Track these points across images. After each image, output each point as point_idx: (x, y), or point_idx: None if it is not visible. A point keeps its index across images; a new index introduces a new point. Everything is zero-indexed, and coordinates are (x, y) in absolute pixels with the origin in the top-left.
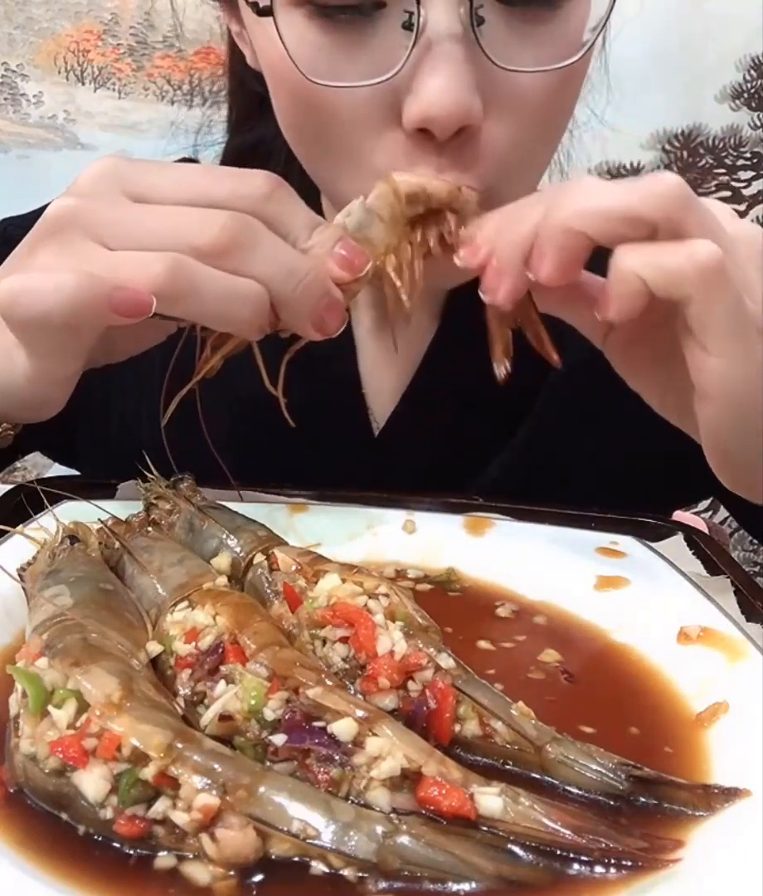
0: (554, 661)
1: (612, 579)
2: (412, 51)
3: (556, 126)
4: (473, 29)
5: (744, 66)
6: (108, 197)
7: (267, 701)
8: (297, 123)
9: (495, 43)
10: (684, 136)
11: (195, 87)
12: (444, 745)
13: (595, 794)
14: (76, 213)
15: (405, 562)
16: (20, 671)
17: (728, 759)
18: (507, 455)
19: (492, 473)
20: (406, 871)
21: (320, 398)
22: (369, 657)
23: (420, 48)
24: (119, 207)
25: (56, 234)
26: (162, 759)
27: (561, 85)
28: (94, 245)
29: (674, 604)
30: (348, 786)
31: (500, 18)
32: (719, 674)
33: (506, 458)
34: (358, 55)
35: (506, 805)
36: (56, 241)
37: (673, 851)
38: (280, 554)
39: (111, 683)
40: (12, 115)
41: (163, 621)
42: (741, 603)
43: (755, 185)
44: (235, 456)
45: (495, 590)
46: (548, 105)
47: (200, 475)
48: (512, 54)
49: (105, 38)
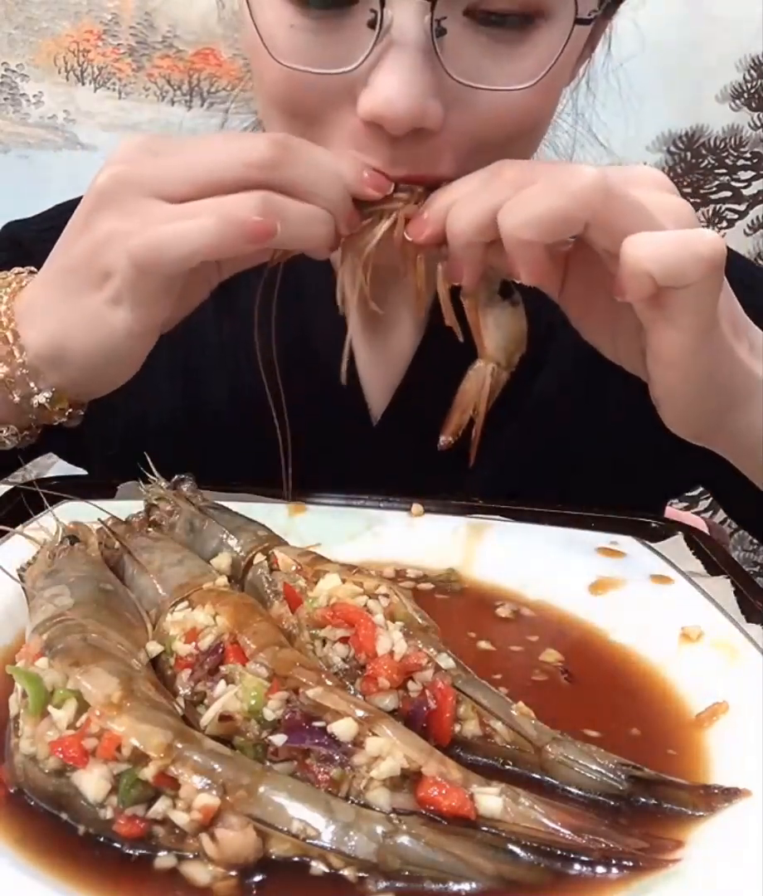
0: (555, 660)
1: (612, 579)
2: (373, 48)
3: (528, 136)
4: (433, 39)
5: (744, 67)
6: (147, 158)
7: (267, 701)
8: (267, 100)
9: (457, 55)
10: (687, 137)
11: (194, 87)
12: (444, 745)
13: (595, 795)
14: (125, 176)
15: (405, 562)
16: (20, 671)
17: (728, 759)
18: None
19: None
20: (406, 871)
21: (320, 391)
22: (369, 657)
23: (382, 46)
24: (161, 160)
25: (112, 200)
26: (162, 759)
27: (524, 106)
28: (154, 201)
29: (674, 604)
30: (348, 786)
31: (466, 32)
32: (719, 674)
33: (499, 452)
34: (327, 44)
35: (506, 805)
36: (115, 205)
37: (673, 851)
38: (280, 554)
39: (111, 683)
40: (12, 115)
41: (163, 621)
42: (741, 603)
43: (755, 185)
44: (238, 448)
45: (495, 590)
46: (512, 119)
47: (204, 474)
48: (474, 70)
49: (105, 39)
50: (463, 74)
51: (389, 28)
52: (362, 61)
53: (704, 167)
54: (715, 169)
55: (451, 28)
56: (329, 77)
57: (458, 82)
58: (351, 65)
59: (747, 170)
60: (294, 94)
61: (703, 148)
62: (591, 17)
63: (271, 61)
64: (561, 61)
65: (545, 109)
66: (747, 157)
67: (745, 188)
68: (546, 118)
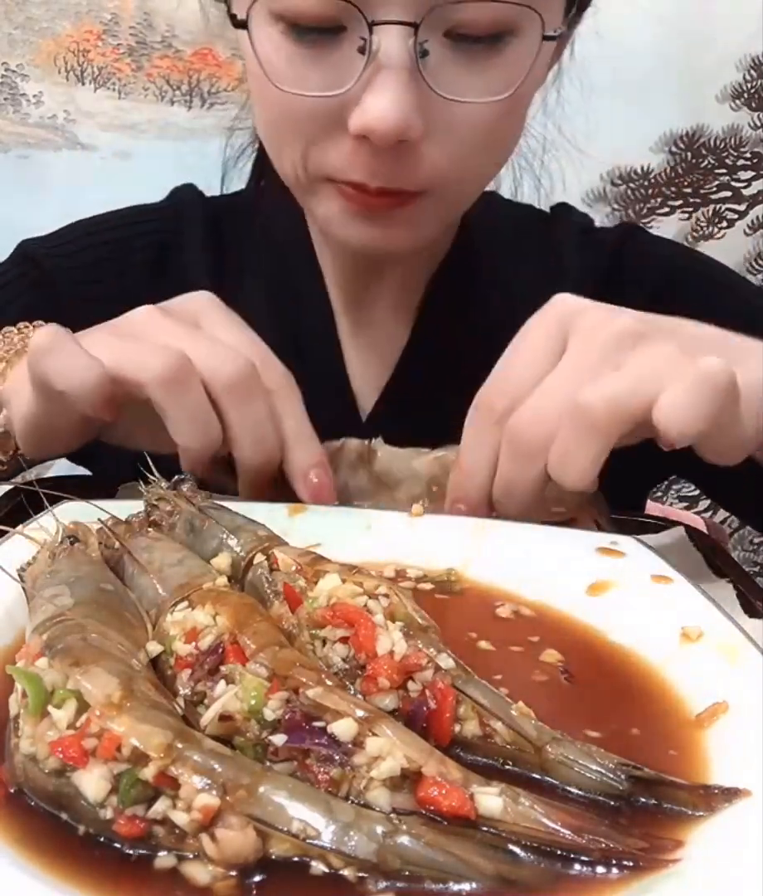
0: (555, 660)
1: (612, 580)
2: (364, 72)
3: (497, 148)
4: (417, 60)
5: (744, 67)
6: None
7: (267, 701)
8: (261, 117)
9: (440, 73)
10: (687, 137)
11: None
12: (444, 745)
13: (595, 795)
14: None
15: (405, 562)
16: (20, 671)
17: (728, 759)
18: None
19: None
20: (406, 871)
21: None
22: (369, 657)
23: (371, 69)
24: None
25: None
26: (162, 759)
27: (500, 114)
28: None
29: (674, 604)
30: (348, 786)
31: (446, 52)
32: (719, 674)
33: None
34: (320, 69)
35: (506, 805)
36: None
37: (673, 851)
38: (280, 554)
39: (111, 683)
40: (12, 115)
41: (163, 621)
42: (741, 603)
43: (755, 185)
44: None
45: (495, 590)
46: (486, 130)
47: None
48: (453, 85)
49: (105, 39)
50: (444, 90)
51: (377, 53)
52: (354, 83)
53: (704, 167)
54: (715, 169)
55: (433, 49)
56: (323, 100)
57: (442, 97)
58: (343, 87)
59: (747, 170)
60: (291, 117)
61: (703, 148)
62: (556, 34)
63: (272, 88)
64: (533, 75)
65: (516, 118)
66: (747, 157)
67: (745, 188)
68: (517, 126)
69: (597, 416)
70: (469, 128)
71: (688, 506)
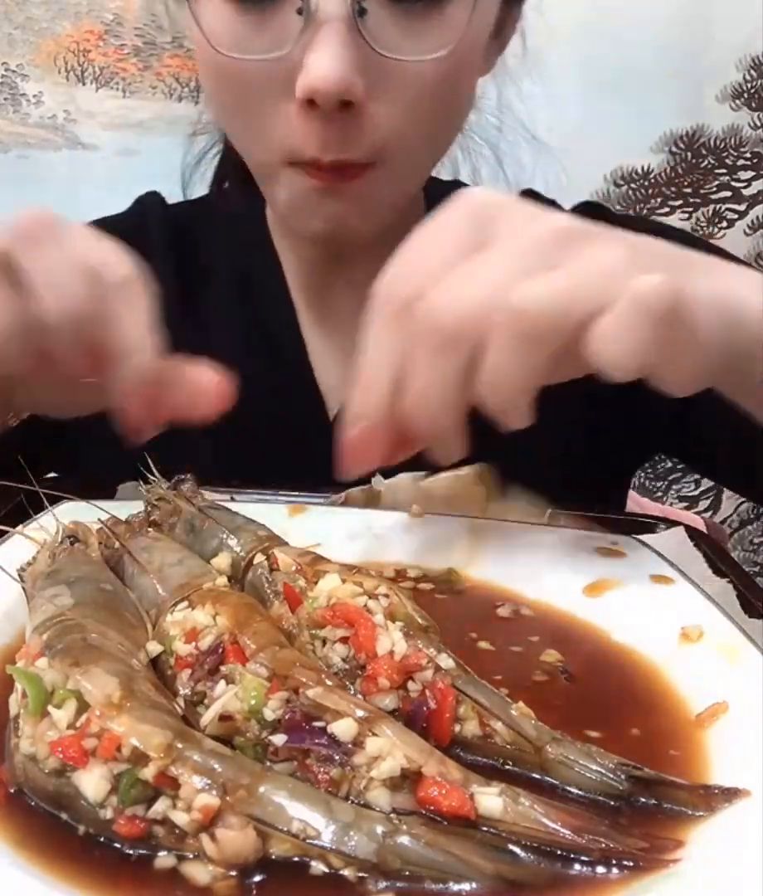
0: (555, 660)
1: (612, 579)
2: (304, 33)
3: (444, 113)
4: (355, 17)
5: (744, 67)
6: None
7: (267, 701)
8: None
9: (379, 31)
10: (688, 137)
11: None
12: (444, 745)
13: (595, 795)
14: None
15: (405, 562)
16: (20, 671)
17: (728, 759)
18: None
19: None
20: (406, 871)
21: (275, 386)
22: (369, 657)
23: (311, 30)
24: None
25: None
26: (162, 759)
27: (443, 74)
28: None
29: (674, 604)
30: (348, 786)
31: (384, 10)
32: (719, 674)
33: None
34: (262, 33)
35: (506, 805)
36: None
37: (673, 851)
38: (280, 554)
39: (111, 683)
40: (12, 115)
41: (163, 621)
42: (741, 603)
43: (755, 185)
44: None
45: (495, 590)
46: (431, 92)
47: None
48: (393, 43)
49: (107, 39)
50: (384, 48)
51: (316, 12)
52: (295, 45)
53: (704, 167)
54: (715, 169)
55: (371, 7)
56: (267, 65)
57: (381, 55)
58: (284, 50)
59: (747, 170)
60: (237, 84)
61: (704, 148)
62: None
63: (214, 53)
64: (471, 35)
65: (462, 81)
66: (747, 157)
67: (745, 188)
68: (463, 91)
69: (538, 320)
70: (413, 89)
71: (688, 506)
